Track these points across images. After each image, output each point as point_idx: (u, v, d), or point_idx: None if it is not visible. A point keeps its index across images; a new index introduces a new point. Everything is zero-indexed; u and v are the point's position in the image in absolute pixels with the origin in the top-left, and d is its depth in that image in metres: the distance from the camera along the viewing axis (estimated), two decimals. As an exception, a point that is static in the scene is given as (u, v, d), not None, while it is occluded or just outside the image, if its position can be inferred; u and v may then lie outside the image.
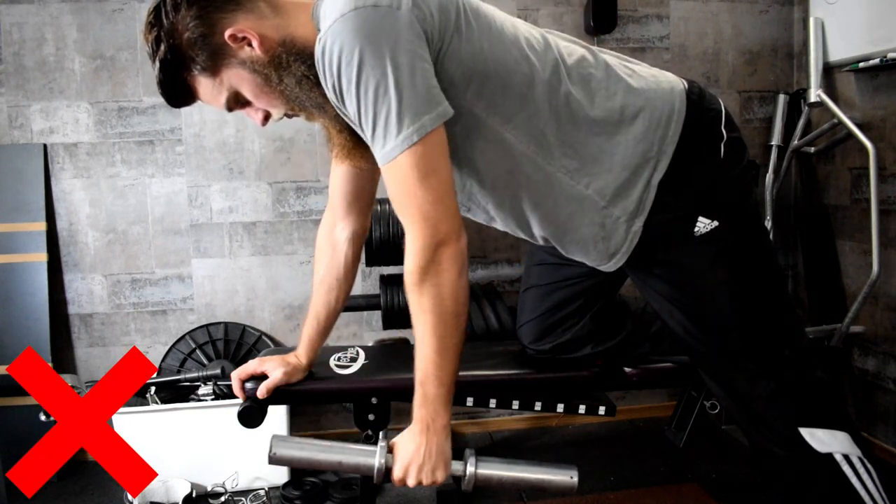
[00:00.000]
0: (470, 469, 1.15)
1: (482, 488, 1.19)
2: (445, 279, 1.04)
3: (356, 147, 1.16)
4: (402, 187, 1.01)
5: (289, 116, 1.14)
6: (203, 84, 1.08)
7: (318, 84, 1.06)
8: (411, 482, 1.12)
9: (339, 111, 1.08)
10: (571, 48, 1.17)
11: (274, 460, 1.16)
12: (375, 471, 1.13)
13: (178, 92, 1.10)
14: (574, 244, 1.22)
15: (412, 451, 1.10)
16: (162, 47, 1.04)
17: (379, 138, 0.99)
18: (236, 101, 1.11)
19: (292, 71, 1.05)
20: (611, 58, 1.20)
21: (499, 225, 1.26)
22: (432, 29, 1.01)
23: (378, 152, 1.01)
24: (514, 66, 1.08)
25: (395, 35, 0.96)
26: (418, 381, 1.09)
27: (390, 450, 1.14)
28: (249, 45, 1.04)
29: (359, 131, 1.05)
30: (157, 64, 1.06)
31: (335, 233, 1.38)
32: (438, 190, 1.01)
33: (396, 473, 1.12)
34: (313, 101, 1.08)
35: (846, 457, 1.16)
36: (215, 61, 1.05)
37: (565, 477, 1.17)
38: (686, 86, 1.21)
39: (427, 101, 0.98)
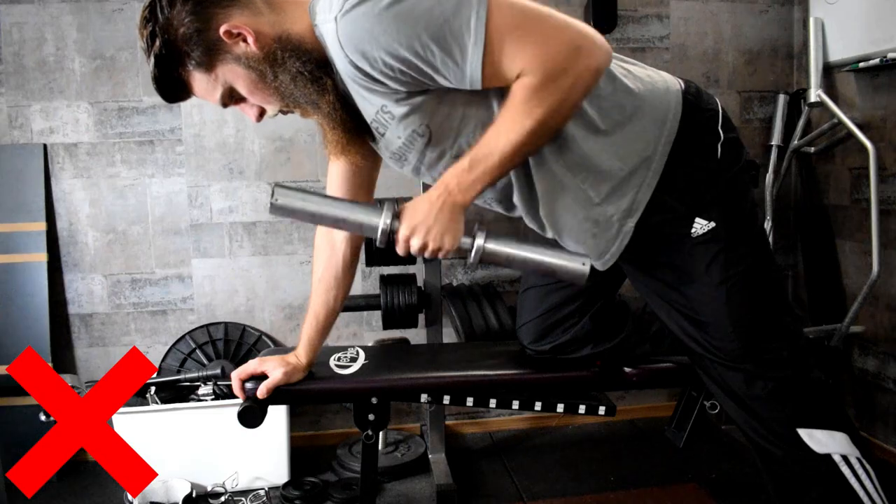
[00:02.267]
0: (479, 242, 1.08)
1: (480, 487, 1.17)
2: (573, 95, 0.99)
3: (350, 143, 1.15)
4: (511, 48, 0.96)
5: (283, 113, 1.14)
6: (198, 79, 1.08)
7: (313, 80, 1.06)
8: (416, 243, 1.06)
9: (383, 93, 1.05)
10: None
11: (275, 209, 1.09)
12: (380, 230, 1.06)
13: (172, 87, 1.09)
14: (569, 236, 1.22)
15: (424, 212, 1.05)
16: (157, 42, 1.04)
17: (460, 60, 0.96)
18: (231, 97, 1.11)
19: (287, 67, 1.05)
20: None
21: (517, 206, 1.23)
22: None
23: (468, 73, 0.97)
24: None
25: None
26: (471, 156, 1.04)
27: (398, 214, 1.08)
28: (244, 41, 1.04)
29: (428, 85, 1.02)
30: (152, 59, 1.05)
31: (333, 232, 1.38)
32: (540, 15, 0.97)
33: (403, 232, 1.07)
34: (308, 98, 1.08)
35: (844, 457, 1.16)
36: (210, 57, 1.05)
37: (577, 264, 1.10)
38: (682, 86, 1.20)
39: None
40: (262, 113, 1.13)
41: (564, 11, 0.99)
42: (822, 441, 1.17)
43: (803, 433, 1.17)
